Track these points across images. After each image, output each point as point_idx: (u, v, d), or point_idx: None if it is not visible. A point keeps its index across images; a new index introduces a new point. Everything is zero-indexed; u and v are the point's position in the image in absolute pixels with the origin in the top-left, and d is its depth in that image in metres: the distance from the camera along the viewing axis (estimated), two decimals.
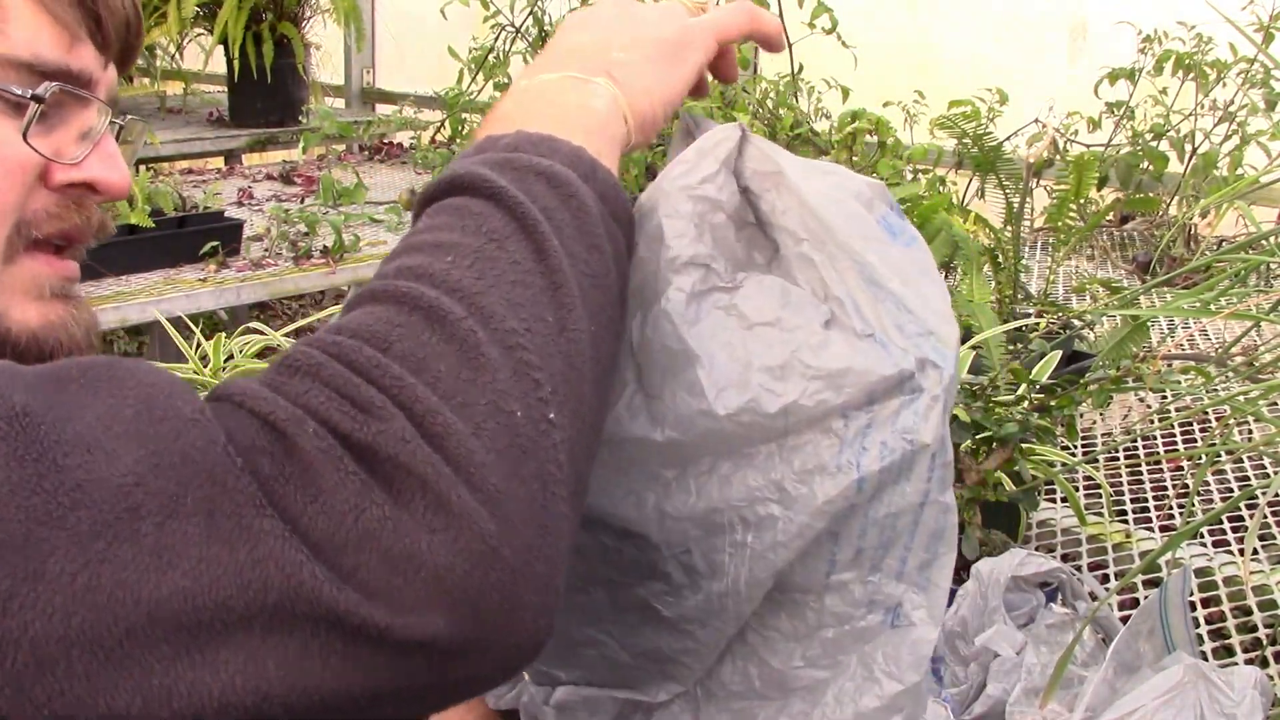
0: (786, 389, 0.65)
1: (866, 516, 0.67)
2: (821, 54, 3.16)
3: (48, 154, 0.69)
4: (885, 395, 0.65)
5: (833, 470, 0.64)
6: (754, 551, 0.67)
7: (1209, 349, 2.07)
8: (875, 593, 0.69)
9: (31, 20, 0.67)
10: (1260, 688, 0.87)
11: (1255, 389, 1.02)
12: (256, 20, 4.03)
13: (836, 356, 0.65)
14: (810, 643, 0.70)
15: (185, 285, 2.44)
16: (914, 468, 0.67)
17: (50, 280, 0.71)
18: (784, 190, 0.68)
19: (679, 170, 0.69)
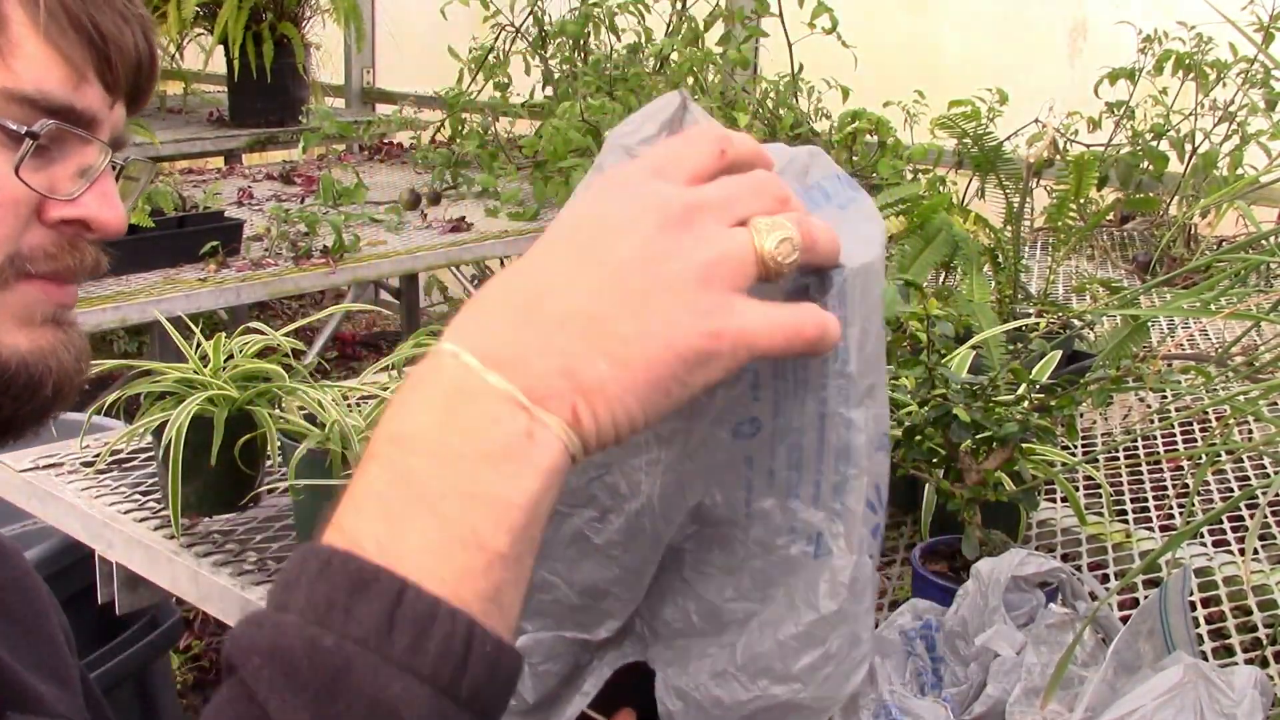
0: None
1: (772, 434, 0.69)
2: (821, 54, 3.17)
3: (41, 189, 0.69)
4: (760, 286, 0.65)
5: (731, 381, 0.64)
6: (665, 464, 0.69)
7: (1209, 349, 2.07)
8: (794, 519, 0.70)
9: (40, 56, 0.67)
10: (1260, 688, 0.87)
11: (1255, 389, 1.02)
12: (256, 20, 4.03)
13: None
14: (741, 575, 0.72)
15: (185, 285, 2.44)
16: (809, 375, 0.67)
17: (44, 306, 0.71)
18: None
19: (623, 129, 0.72)
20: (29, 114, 0.67)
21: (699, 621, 0.74)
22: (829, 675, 0.71)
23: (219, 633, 2.93)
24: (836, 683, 0.71)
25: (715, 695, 0.72)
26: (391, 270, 2.90)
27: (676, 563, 0.74)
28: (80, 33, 0.68)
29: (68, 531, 1.50)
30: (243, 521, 1.43)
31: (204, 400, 1.37)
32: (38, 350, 0.71)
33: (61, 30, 0.68)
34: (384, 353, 4.20)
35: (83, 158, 0.71)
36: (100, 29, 0.69)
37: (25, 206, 0.69)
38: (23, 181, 0.68)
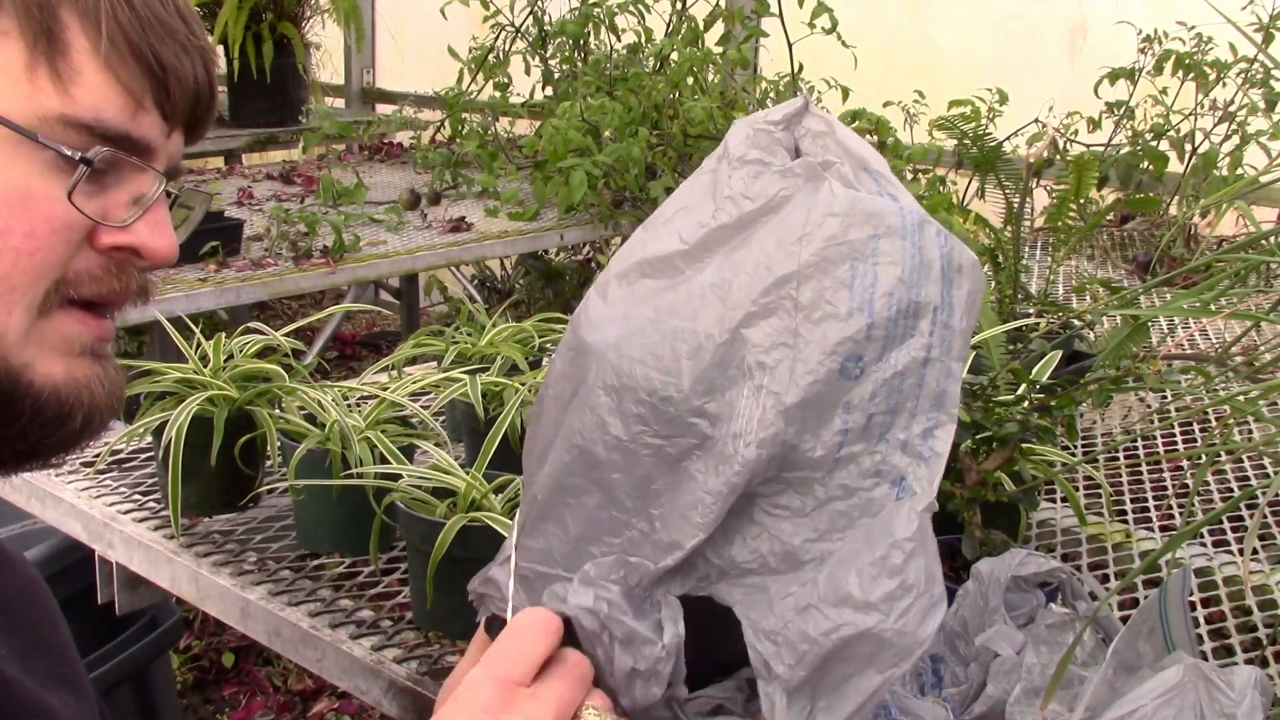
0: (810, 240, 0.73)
1: (876, 378, 0.73)
2: (821, 54, 3.16)
3: (94, 215, 0.69)
4: (888, 238, 0.72)
5: (844, 315, 0.72)
6: (767, 390, 0.73)
7: (1209, 349, 2.07)
8: (882, 463, 0.74)
9: (99, 84, 0.68)
10: (1260, 688, 0.87)
11: (1255, 389, 1.02)
12: (256, 20, 4.03)
13: (851, 200, 0.73)
14: (819, 517, 0.75)
15: (185, 285, 2.44)
16: (918, 321, 0.73)
17: (82, 338, 0.72)
18: (830, 141, 0.78)
19: (751, 117, 0.80)
20: (85, 140, 0.67)
21: (774, 562, 0.76)
22: (908, 607, 0.73)
23: (219, 633, 2.93)
24: (916, 617, 0.73)
25: (802, 629, 0.75)
26: (391, 270, 2.90)
27: (748, 505, 0.76)
28: (140, 62, 0.69)
29: (68, 531, 1.50)
30: (243, 521, 1.43)
31: (204, 400, 1.37)
32: (72, 381, 0.71)
33: (122, 59, 0.68)
34: (384, 353, 4.20)
35: (137, 185, 0.71)
36: (160, 59, 0.69)
37: (77, 232, 0.69)
38: (75, 207, 0.68)
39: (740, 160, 0.78)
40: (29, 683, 0.77)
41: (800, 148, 0.79)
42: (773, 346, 0.73)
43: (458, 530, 1.13)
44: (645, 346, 0.76)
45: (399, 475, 1.25)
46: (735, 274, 0.75)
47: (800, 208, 0.75)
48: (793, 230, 0.74)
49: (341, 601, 1.27)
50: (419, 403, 1.45)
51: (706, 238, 0.77)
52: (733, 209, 0.77)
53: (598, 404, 0.77)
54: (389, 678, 1.14)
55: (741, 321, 0.73)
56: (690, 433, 0.75)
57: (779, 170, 0.77)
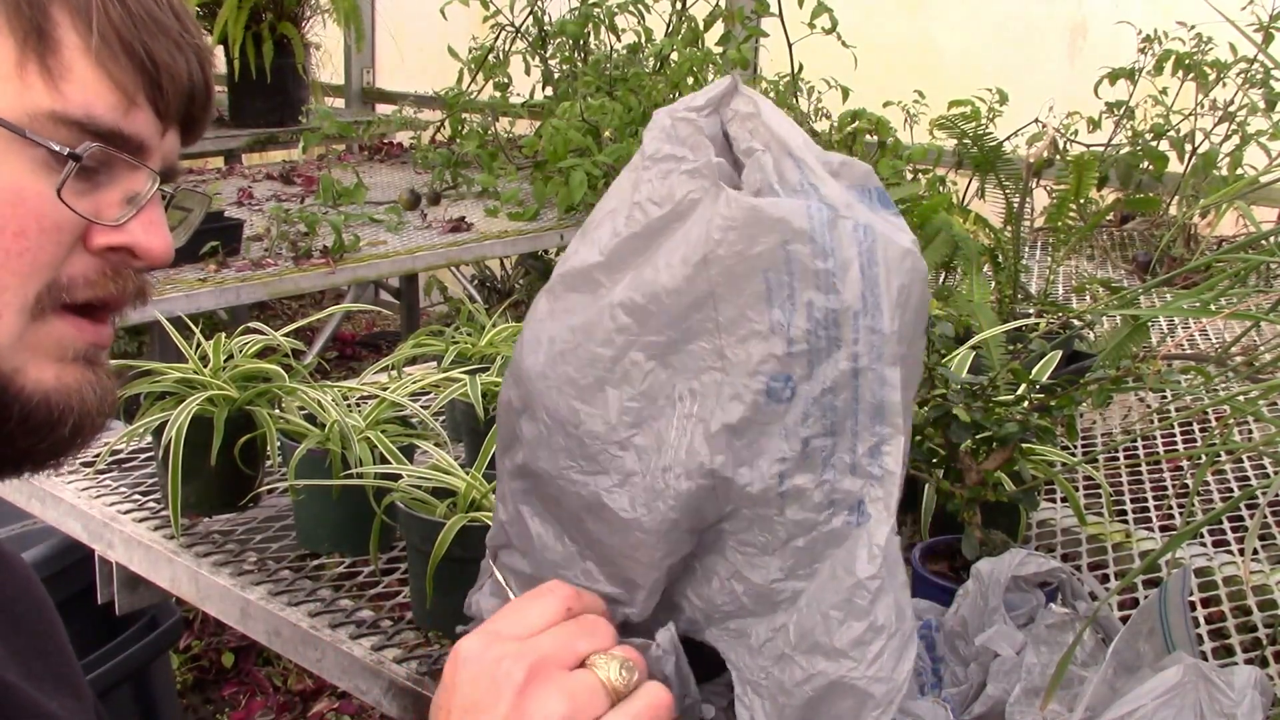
0: (716, 260, 0.70)
1: (807, 398, 0.69)
2: (821, 54, 3.16)
3: (87, 214, 0.68)
4: (797, 242, 0.68)
5: (765, 332, 0.68)
6: (695, 418, 0.70)
7: (1209, 349, 2.07)
8: (833, 491, 0.71)
9: (90, 80, 0.67)
10: (1260, 688, 0.87)
11: (1255, 389, 1.02)
12: (256, 20, 4.03)
13: (747, 203, 0.70)
14: (784, 554, 0.73)
15: (185, 285, 2.44)
16: (840, 330, 0.69)
17: (76, 344, 0.70)
18: (757, 124, 0.74)
19: (674, 104, 0.76)
20: (76, 137, 0.67)
21: (750, 603, 0.74)
22: (880, 651, 0.70)
23: (219, 633, 2.93)
24: (890, 661, 0.70)
25: (779, 680, 0.72)
26: (391, 270, 2.90)
27: (718, 542, 0.74)
28: (132, 58, 0.68)
29: (68, 531, 1.50)
30: (243, 521, 1.43)
31: (204, 400, 1.37)
32: (63, 387, 0.70)
33: (113, 55, 0.67)
34: (384, 353, 4.20)
35: (131, 184, 0.70)
36: (153, 55, 0.69)
37: (68, 232, 0.68)
38: (65, 204, 0.67)
39: (653, 158, 0.75)
40: (27, 686, 0.77)
41: (729, 132, 0.75)
42: (701, 371, 0.70)
43: (458, 530, 1.13)
44: (566, 374, 0.73)
45: (399, 475, 1.25)
46: (647, 296, 0.71)
47: (701, 220, 0.71)
48: (697, 247, 0.70)
49: (341, 601, 1.27)
50: (419, 403, 1.45)
51: (619, 248, 0.74)
52: (640, 216, 0.74)
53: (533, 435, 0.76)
54: (389, 678, 1.14)
55: (666, 347, 0.71)
56: (613, 468, 0.72)
57: (688, 170, 0.73)
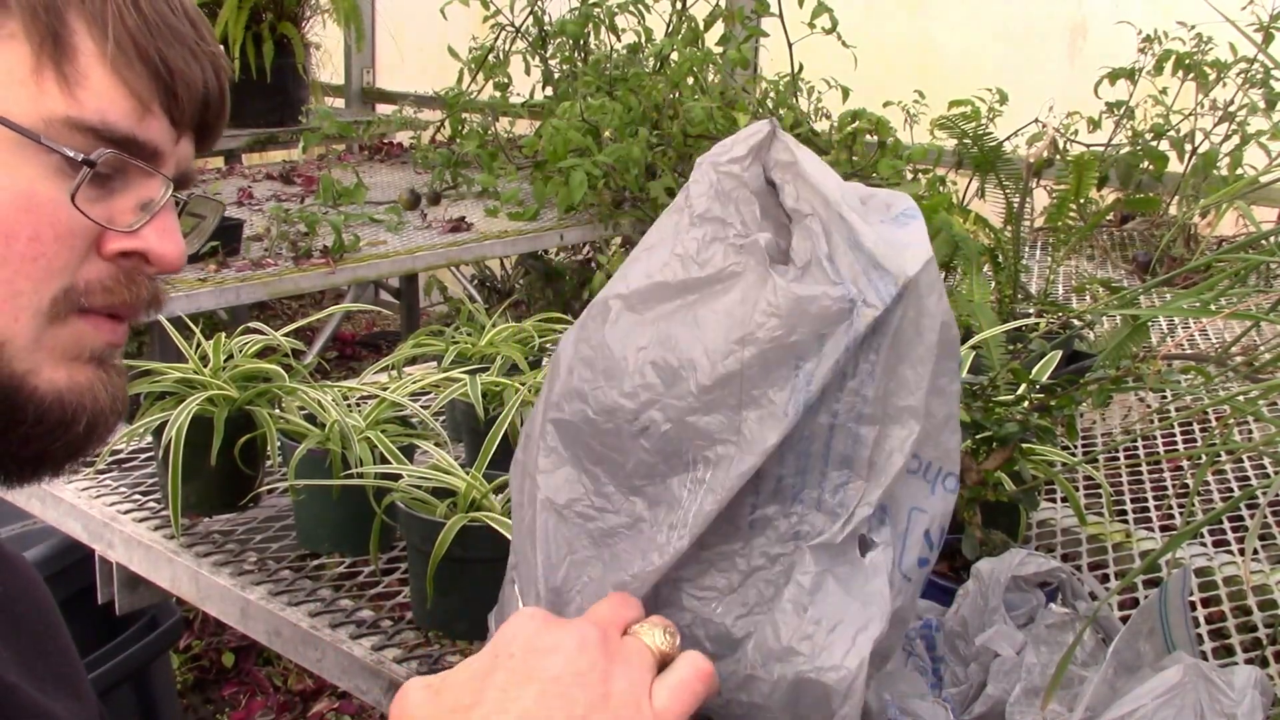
0: (754, 341, 0.71)
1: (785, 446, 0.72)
2: (821, 54, 3.16)
3: (100, 220, 0.69)
4: (830, 327, 0.71)
5: (782, 416, 0.70)
6: (708, 487, 0.72)
7: (1209, 349, 2.07)
8: (799, 523, 0.73)
9: (106, 88, 0.67)
10: (1260, 687, 0.87)
11: (1255, 389, 1.02)
12: (256, 20, 4.03)
13: (795, 301, 0.71)
14: (747, 590, 0.74)
15: (185, 285, 2.44)
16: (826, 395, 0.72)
17: (94, 343, 0.71)
18: (799, 177, 0.74)
19: (715, 150, 0.77)
20: (90, 143, 0.67)
21: (712, 647, 0.75)
22: (825, 642, 0.71)
23: (219, 633, 2.93)
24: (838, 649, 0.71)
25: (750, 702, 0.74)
26: (391, 270, 2.90)
27: (674, 595, 0.75)
28: (147, 65, 0.68)
29: (68, 531, 1.50)
30: (243, 521, 1.43)
31: (204, 400, 1.37)
32: (75, 386, 0.70)
33: (128, 62, 0.67)
34: (384, 353, 4.20)
35: (144, 190, 0.71)
36: (168, 63, 0.69)
37: (82, 239, 0.69)
38: (80, 210, 0.67)
39: (700, 217, 0.76)
40: (30, 687, 0.77)
41: (771, 179, 0.76)
42: (717, 442, 0.72)
43: (458, 530, 1.13)
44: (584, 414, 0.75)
45: (399, 475, 1.25)
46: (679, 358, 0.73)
47: (743, 299, 0.72)
48: (737, 327, 0.72)
49: (341, 601, 1.27)
50: (419, 403, 1.45)
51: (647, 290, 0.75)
52: (679, 269, 0.75)
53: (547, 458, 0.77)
54: (389, 678, 1.14)
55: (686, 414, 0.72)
56: (625, 511, 0.74)
57: (734, 244, 0.74)
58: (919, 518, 0.76)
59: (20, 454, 0.71)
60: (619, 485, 0.74)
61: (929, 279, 0.74)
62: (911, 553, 0.75)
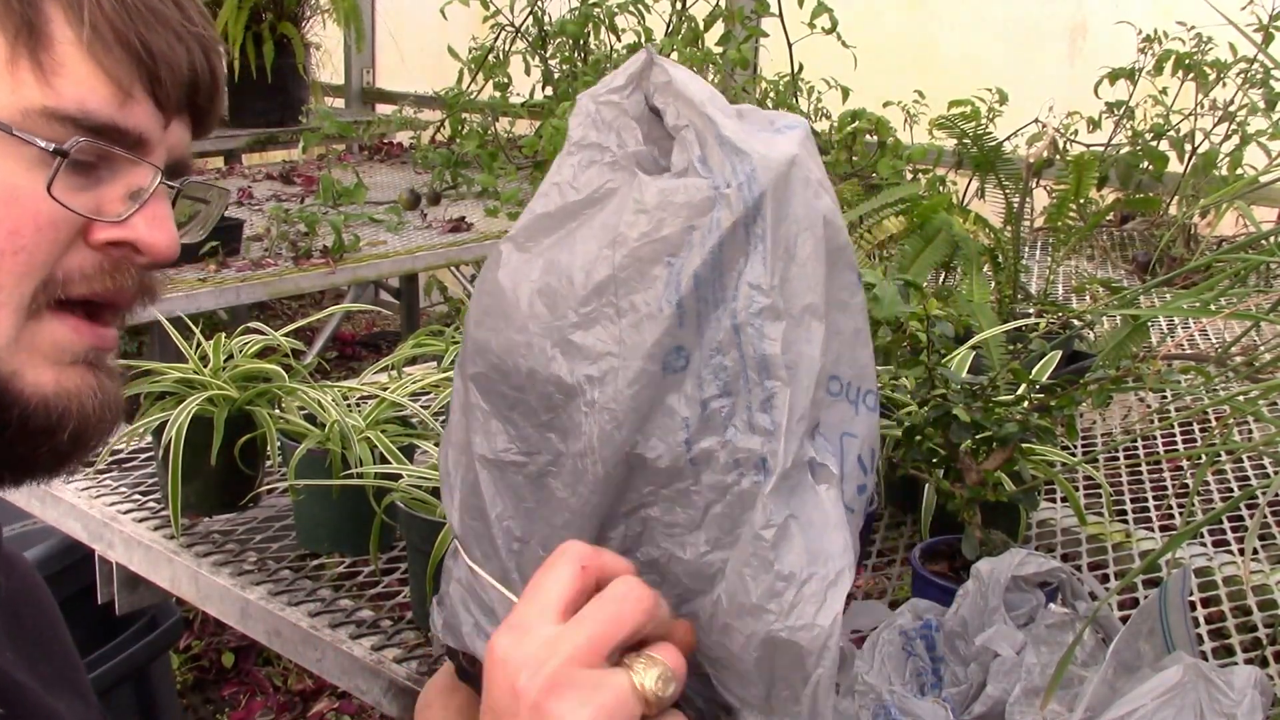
0: (623, 242, 0.70)
1: (699, 362, 0.70)
2: (821, 54, 3.16)
3: (85, 209, 0.67)
4: (698, 217, 0.69)
5: (657, 313, 0.69)
6: (599, 405, 0.70)
7: (1209, 349, 2.07)
8: (735, 451, 0.71)
9: (84, 75, 0.66)
10: (1260, 687, 0.87)
11: (1255, 389, 1.02)
12: (256, 20, 4.03)
13: (660, 193, 0.70)
14: (709, 526, 0.72)
15: (185, 285, 2.44)
16: (725, 290, 0.69)
17: (75, 346, 0.69)
18: (677, 96, 0.73)
19: (595, 87, 0.76)
20: (70, 133, 0.65)
21: (690, 582, 0.74)
22: (794, 600, 0.69)
23: (219, 633, 2.93)
24: (809, 607, 0.69)
25: (730, 650, 0.72)
26: (391, 270, 2.90)
27: (649, 532, 0.74)
28: (127, 50, 0.66)
29: (68, 531, 1.50)
30: (243, 521, 1.43)
31: (204, 400, 1.37)
32: (62, 391, 0.68)
33: (106, 47, 0.66)
34: (384, 353, 4.20)
35: (134, 179, 0.69)
36: (149, 46, 0.67)
37: (65, 230, 0.67)
38: (56, 200, 0.66)
39: (577, 145, 0.75)
40: (35, 686, 0.77)
41: (655, 105, 0.75)
42: (599, 357, 0.70)
43: None
44: (491, 361, 0.74)
45: (399, 475, 1.25)
46: (559, 280, 0.72)
47: (619, 205, 0.72)
48: (609, 231, 0.71)
49: (341, 601, 1.27)
50: (419, 403, 1.45)
51: (530, 224, 0.75)
52: (557, 197, 0.74)
53: (474, 416, 0.76)
54: (389, 678, 1.14)
55: (567, 333, 0.71)
56: (545, 449, 0.73)
57: (609, 161, 0.73)
58: (850, 443, 0.74)
59: (6, 458, 0.69)
60: (534, 425, 0.73)
61: (802, 174, 0.72)
62: (851, 482, 0.73)
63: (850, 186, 2.55)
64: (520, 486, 0.75)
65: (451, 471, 0.79)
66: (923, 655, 1.00)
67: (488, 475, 0.76)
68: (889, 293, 1.43)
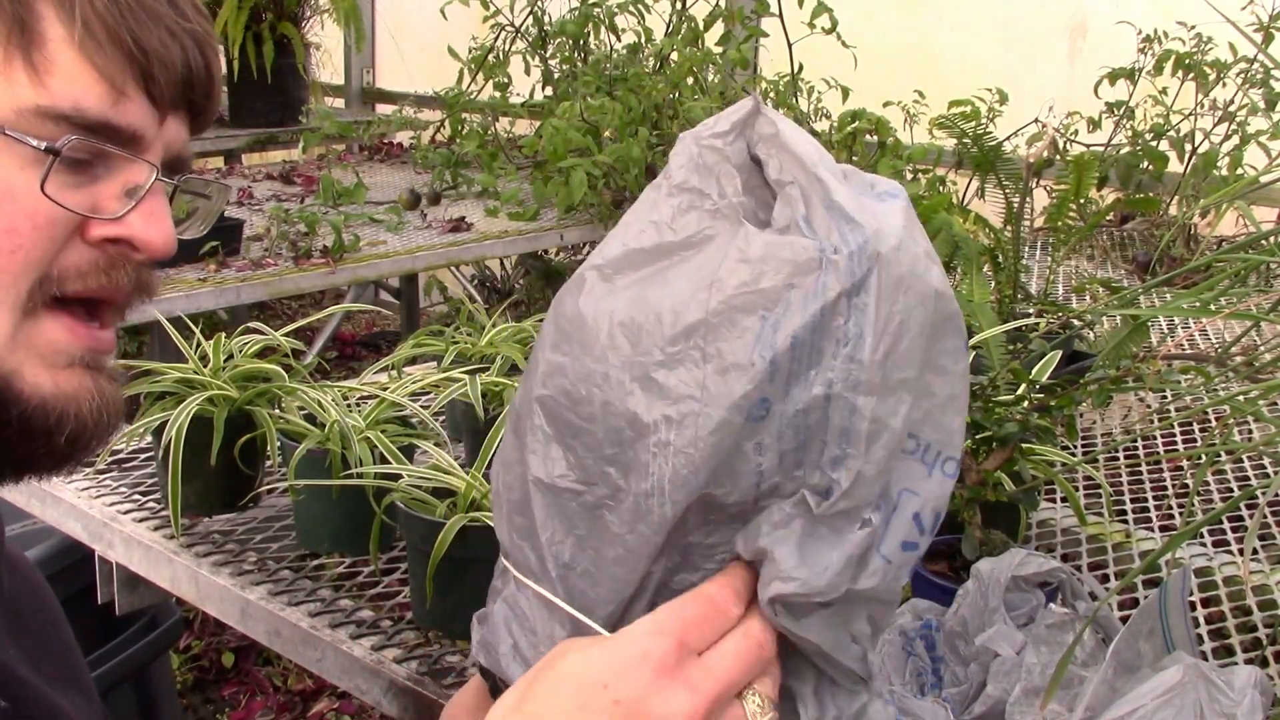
0: (721, 288, 0.70)
1: (781, 417, 0.70)
2: (821, 54, 3.16)
3: (81, 207, 0.67)
4: (802, 283, 0.69)
5: (747, 365, 0.68)
6: (675, 448, 0.70)
7: (1209, 349, 2.07)
8: (802, 486, 0.72)
9: (77, 73, 0.66)
10: (1260, 687, 0.87)
11: (1255, 389, 1.02)
12: (256, 20, 4.03)
13: (765, 246, 0.70)
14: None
15: (185, 285, 2.44)
16: (822, 356, 0.70)
17: (71, 348, 0.69)
18: (782, 149, 0.73)
19: (699, 127, 0.76)
20: (62, 131, 0.66)
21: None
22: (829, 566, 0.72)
23: (219, 633, 2.93)
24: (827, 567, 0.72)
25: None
26: (391, 270, 2.90)
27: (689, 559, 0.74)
28: (119, 47, 0.66)
29: (68, 531, 1.50)
30: (243, 521, 1.43)
31: (204, 400, 1.37)
32: (61, 394, 0.68)
33: (98, 45, 0.66)
34: (384, 353, 4.20)
35: (130, 176, 0.69)
36: (141, 43, 0.67)
37: (62, 228, 0.67)
38: (49, 199, 0.66)
39: (678, 187, 0.75)
40: (39, 682, 0.77)
41: (756, 154, 0.75)
42: (679, 399, 0.70)
43: (458, 530, 1.13)
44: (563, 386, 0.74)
45: (399, 475, 1.25)
46: (646, 316, 0.72)
47: (718, 252, 0.72)
48: (706, 276, 0.71)
49: (341, 601, 1.27)
50: (419, 403, 1.45)
51: (620, 257, 0.75)
52: (653, 234, 0.74)
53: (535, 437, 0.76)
54: (389, 678, 1.14)
55: (650, 370, 0.71)
56: (604, 482, 0.73)
57: (710, 209, 0.74)
58: (909, 499, 0.73)
59: (5, 457, 0.69)
60: (595, 456, 0.73)
61: (911, 250, 0.72)
62: (895, 535, 0.73)
63: None
64: (573, 514, 0.75)
65: (502, 491, 0.79)
66: (923, 655, 1.00)
67: (540, 498, 0.76)
68: None
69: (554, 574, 0.76)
